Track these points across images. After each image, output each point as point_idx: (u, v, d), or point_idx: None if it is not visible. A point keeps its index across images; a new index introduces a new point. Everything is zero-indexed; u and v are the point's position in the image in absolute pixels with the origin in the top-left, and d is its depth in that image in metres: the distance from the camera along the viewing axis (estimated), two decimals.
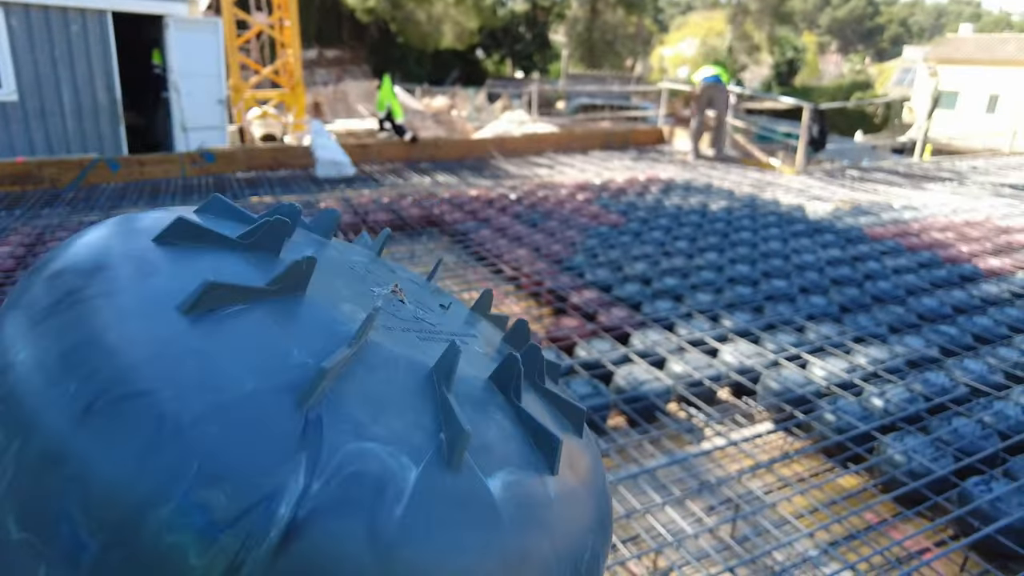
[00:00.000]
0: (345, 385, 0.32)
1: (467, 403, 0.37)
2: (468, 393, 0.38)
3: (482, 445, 0.34)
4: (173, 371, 0.30)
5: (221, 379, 0.30)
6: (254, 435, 0.29)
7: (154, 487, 0.27)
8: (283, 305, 0.36)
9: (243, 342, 0.33)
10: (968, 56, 30.48)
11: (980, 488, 1.69)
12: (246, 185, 6.14)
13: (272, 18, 12.37)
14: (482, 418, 0.36)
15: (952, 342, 2.66)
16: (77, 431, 0.29)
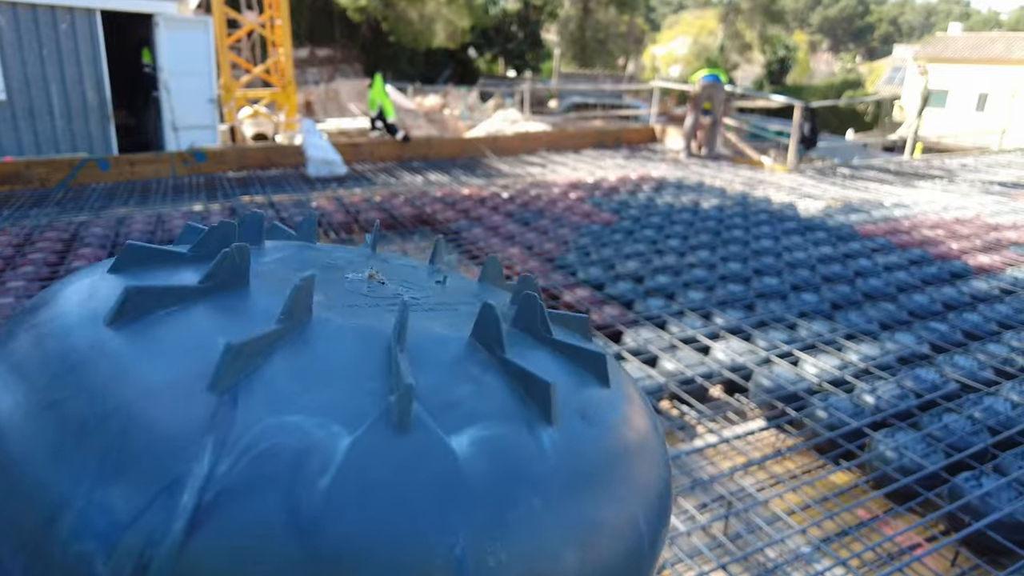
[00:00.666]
0: (275, 361, 0.30)
1: (438, 363, 0.34)
2: (443, 353, 0.35)
3: (447, 402, 0.31)
4: (86, 378, 0.29)
5: (133, 378, 0.29)
6: (158, 425, 0.28)
7: (59, 493, 0.26)
8: (222, 300, 0.35)
9: (167, 340, 0.32)
10: (958, 55, 30.65)
11: (970, 484, 1.70)
12: (237, 185, 6.11)
13: (263, 17, 12.33)
14: (453, 375, 0.33)
15: (943, 339, 2.67)
16: (1, 445, 0.28)
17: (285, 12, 12.07)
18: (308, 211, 4.76)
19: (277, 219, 4.62)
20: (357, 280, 0.48)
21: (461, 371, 0.34)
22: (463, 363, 0.35)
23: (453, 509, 0.28)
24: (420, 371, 0.33)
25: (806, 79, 42.43)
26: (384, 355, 0.33)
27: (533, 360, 0.37)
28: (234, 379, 0.29)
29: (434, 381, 0.32)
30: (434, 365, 0.33)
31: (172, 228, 4.34)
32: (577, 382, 0.37)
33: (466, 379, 0.34)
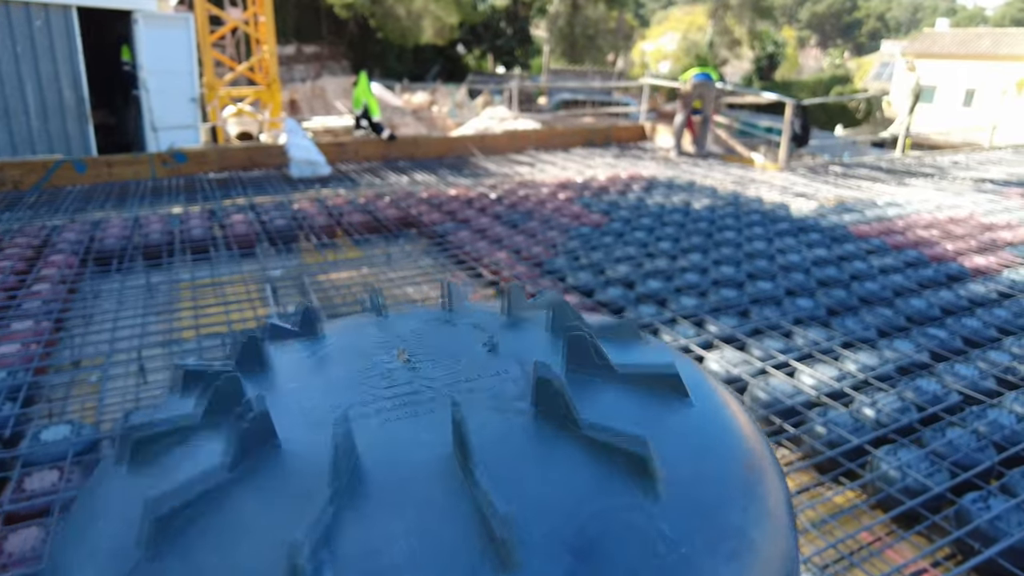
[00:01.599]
0: (346, 531, 0.28)
1: (507, 459, 0.30)
2: (508, 444, 0.32)
3: (539, 504, 0.28)
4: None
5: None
6: None
7: None
8: (259, 481, 0.32)
9: (223, 540, 0.29)
10: (945, 50, 30.82)
11: (978, 506, 1.62)
12: (218, 186, 5.97)
13: (247, 14, 12.13)
14: (536, 480, 0.29)
15: (942, 346, 2.59)
16: None
17: (269, 9, 11.88)
18: (289, 211, 4.64)
19: (257, 221, 4.50)
20: (391, 368, 0.45)
21: (539, 456, 0.31)
22: (536, 450, 0.31)
23: None
24: (494, 485, 0.29)
25: (795, 75, 42.53)
26: (445, 476, 0.30)
27: (606, 409, 0.33)
28: (316, 565, 0.26)
29: (510, 478, 0.29)
30: (504, 458, 0.30)
31: (149, 232, 4.21)
32: (659, 402, 0.33)
33: (546, 468, 0.30)
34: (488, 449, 0.31)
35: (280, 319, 0.47)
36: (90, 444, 1.91)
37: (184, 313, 3.08)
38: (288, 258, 3.97)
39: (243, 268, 3.72)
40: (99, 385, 2.33)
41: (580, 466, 0.31)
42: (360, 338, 0.51)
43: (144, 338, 2.77)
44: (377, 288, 0.51)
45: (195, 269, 3.73)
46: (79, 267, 3.62)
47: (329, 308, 3.14)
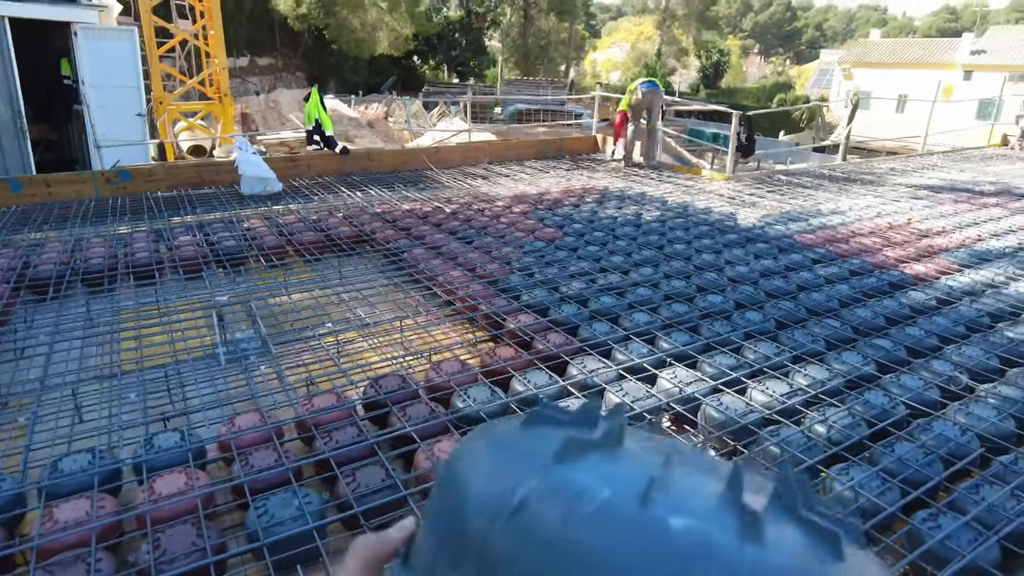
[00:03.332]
0: (670, 488, 0.40)
1: (758, 509, 0.41)
2: (758, 503, 0.42)
3: (776, 534, 0.38)
4: (564, 496, 0.39)
5: (596, 503, 0.39)
6: (627, 532, 0.37)
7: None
8: (614, 450, 0.44)
9: (602, 471, 0.41)
10: (878, 59, 32.14)
11: (928, 525, 1.65)
12: (166, 205, 5.78)
13: (196, 26, 11.83)
14: (771, 518, 0.40)
15: (888, 357, 2.66)
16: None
17: (219, 21, 11.62)
18: (238, 230, 4.52)
19: (206, 242, 4.37)
20: None
21: (775, 517, 0.40)
22: (774, 512, 0.41)
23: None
24: None
25: (739, 82, 43.67)
26: (726, 500, 0.40)
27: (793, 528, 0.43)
28: (661, 499, 0.38)
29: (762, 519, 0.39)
30: (757, 509, 0.40)
31: (91, 256, 4.04)
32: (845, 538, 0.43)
33: (779, 523, 0.40)
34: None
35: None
36: (11, 500, 1.79)
37: (126, 344, 2.95)
38: (237, 281, 3.86)
39: (190, 293, 3.60)
40: (27, 428, 2.20)
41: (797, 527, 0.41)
42: None
43: (81, 372, 2.65)
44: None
45: (139, 295, 3.60)
46: (10, 296, 3.45)
47: (280, 334, 3.06)
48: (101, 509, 1.74)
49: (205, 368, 2.70)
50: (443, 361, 2.63)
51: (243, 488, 1.83)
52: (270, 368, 2.75)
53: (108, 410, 2.36)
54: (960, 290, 3.53)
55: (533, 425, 0.48)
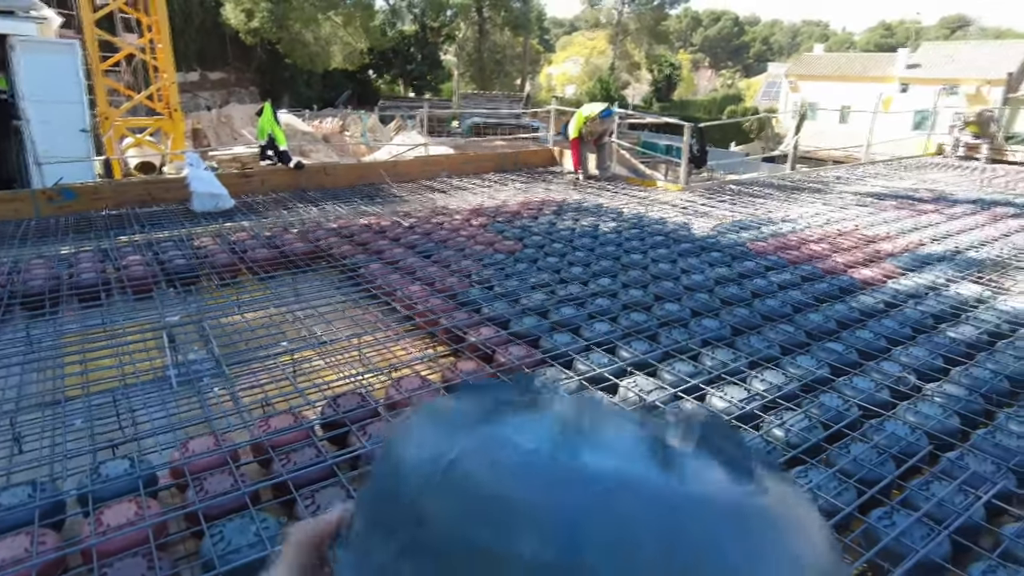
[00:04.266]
0: (590, 437, 0.42)
1: (679, 449, 0.43)
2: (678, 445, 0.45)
3: (697, 470, 0.40)
4: (493, 459, 0.41)
5: (517, 457, 0.40)
6: (546, 478, 0.38)
7: (496, 535, 0.37)
8: (538, 410, 0.46)
9: (527, 431, 0.42)
10: (822, 72, 33.35)
11: (884, 523, 1.69)
12: (113, 224, 5.60)
13: (142, 40, 11.53)
14: (692, 457, 0.42)
15: (840, 360, 2.73)
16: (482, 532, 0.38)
17: (166, 35, 11.35)
18: (189, 249, 4.40)
19: (156, 261, 4.24)
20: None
21: (696, 455, 0.43)
22: (695, 451, 0.44)
23: (730, 534, 0.38)
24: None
25: (691, 95, 44.71)
26: (642, 439, 0.42)
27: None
28: (578, 449, 0.40)
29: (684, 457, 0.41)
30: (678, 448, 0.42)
31: (31, 278, 3.88)
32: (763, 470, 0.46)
33: (700, 460, 0.42)
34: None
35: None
36: None
37: (71, 368, 2.84)
38: (189, 301, 3.75)
39: (139, 314, 3.49)
40: None
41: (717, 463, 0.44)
42: None
43: (20, 400, 2.53)
44: None
45: (85, 318, 3.46)
46: None
47: (234, 354, 2.98)
48: (41, 545, 1.66)
49: (156, 391, 2.61)
50: (403, 377, 2.59)
51: (197, 515, 1.77)
52: (224, 390, 2.68)
53: (51, 439, 2.25)
54: (905, 293, 3.65)
55: (465, 397, 0.49)
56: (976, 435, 2.21)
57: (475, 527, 0.38)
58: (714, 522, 0.38)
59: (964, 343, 2.98)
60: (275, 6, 25.48)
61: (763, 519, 0.40)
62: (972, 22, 59.82)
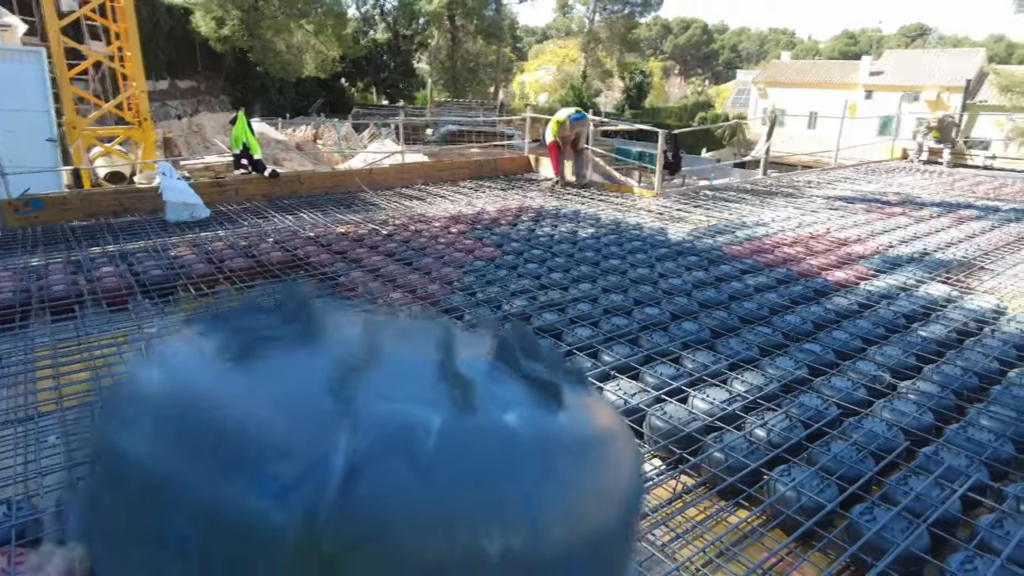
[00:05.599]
0: (369, 376, 0.40)
1: (475, 374, 0.42)
2: (476, 369, 0.44)
3: (491, 395, 0.40)
4: (232, 398, 0.39)
5: (270, 394, 0.39)
6: (302, 419, 0.37)
7: (232, 476, 0.35)
8: (312, 342, 0.43)
9: (286, 369, 0.41)
10: (790, 79, 34.01)
11: (865, 518, 1.73)
12: (84, 234, 5.50)
13: (110, 48, 11.33)
14: (489, 380, 0.43)
15: (818, 360, 2.78)
16: (164, 458, 0.37)
17: (135, 43, 11.15)
18: (165, 259, 4.34)
19: (130, 272, 4.17)
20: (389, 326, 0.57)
21: (493, 378, 0.43)
22: (493, 373, 0.44)
23: (517, 461, 0.38)
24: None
25: (662, 102, 45.25)
26: (439, 370, 0.42)
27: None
28: (351, 387, 0.38)
29: (478, 383, 0.41)
30: (473, 374, 0.42)
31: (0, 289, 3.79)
32: (567, 385, 0.47)
33: (498, 382, 0.43)
34: (463, 364, 0.43)
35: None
36: None
37: (43, 383, 2.77)
38: (166, 312, 3.70)
39: (115, 326, 3.42)
40: None
41: (515, 382, 0.45)
42: None
43: None
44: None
45: (57, 331, 3.39)
46: None
47: None
48: (19, 564, 1.62)
49: None
50: None
51: None
52: None
53: (24, 456, 2.20)
54: (878, 294, 3.74)
55: (217, 330, 0.45)
56: (949, 430, 2.27)
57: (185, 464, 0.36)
58: (501, 457, 0.38)
59: (935, 341, 3.06)
60: (246, 14, 25.24)
61: (560, 449, 0.40)
62: (931, 31, 61.51)
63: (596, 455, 0.43)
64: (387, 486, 0.35)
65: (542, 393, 0.43)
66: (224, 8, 25.13)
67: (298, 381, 0.40)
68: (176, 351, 0.45)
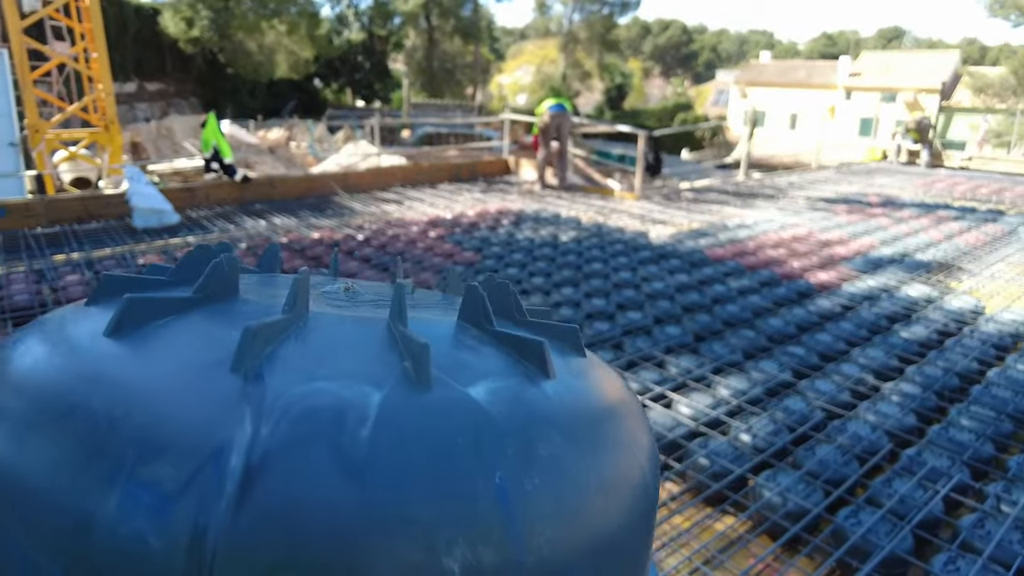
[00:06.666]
0: (288, 346, 0.32)
1: (436, 338, 0.35)
2: (438, 331, 0.38)
3: (454, 365, 0.33)
4: (99, 381, 0.31)
5: (150, 373, 0.31)
6: (189, 406, 0.29)
7: (93, 484, 0.27)
8: (217, 307, 0.36)
9: (175, 339, 0.33)
10: (770, 80, 34.35)
11: (851, 522, 1.70)
12: (47, 242, 5.33)
13: (75, 49, 11.07)
14: (452, 346, 0.36)
15: (802, 363, 2.76)
16: (10, 456, 0.29)
17: (102, 44, 10.91)
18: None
19: (96, 280, 4.04)
20: (334, 292, 0.50)
21: (459, 342, 0.37)
22: (458, 336, 0.38)
23: (487, 446, 0.30)
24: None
25: (642, 103, 45.51)
26: (386, 336, 0.35)
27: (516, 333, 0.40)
28: (255, 360, 0.30)
29: (437, 350, 0.33)
30: (433, 339, 0.34)
31: None
32: (558, 350, 0.40)
33: (464, 348, 0.36)
34: (418, 327, 0.36)
35: None
36: None
37: None
38: None
39: None
40: None
41: (486, 346, 0.38)
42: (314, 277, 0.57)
43: None
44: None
45: None
46: None
47: None
48: None
49: None
50: None
51: None
52: None
53: None
54: (860, 295, 3.73)
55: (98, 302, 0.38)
56: (931, 431, 2.25)
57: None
58: (465, 443, 0.29)
59: (916, 342, 3.05)
60: (216, 14, 24.89)
61: (547, 428, 0.32)
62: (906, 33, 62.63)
63: (596, 435, 0.35)
64: (303, 490, 0.26)
65: (522, 359, 0.36)
66: (194, 9, 24.76)
67: (194, 356, 0.32)
68: (48, 327, 0.37)
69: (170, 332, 0.33)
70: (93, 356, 0.32)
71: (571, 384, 0.37)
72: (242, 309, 0.37)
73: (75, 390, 0.30)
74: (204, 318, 0.35)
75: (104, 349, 0.33)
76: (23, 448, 0.29)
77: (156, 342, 0.33)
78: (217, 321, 0.35)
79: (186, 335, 0.33)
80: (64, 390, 0.31)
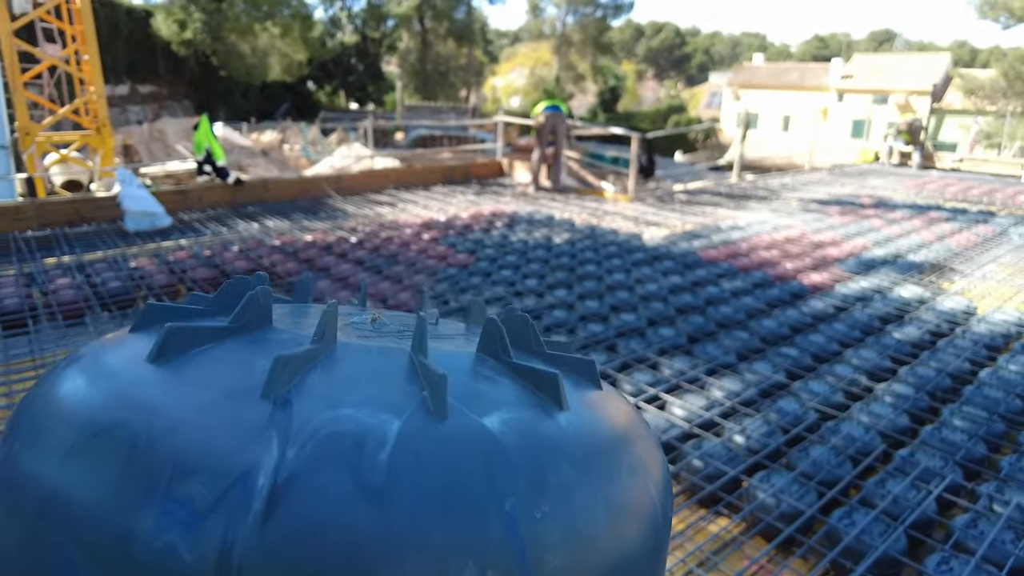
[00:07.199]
0: (315, 374, 0.34)
1: (455, 369, 0.37)
2: (457, 363, 0.38)
3: (470, 395, 0.35)
4: (140, 404, 0.33)
5: (187, 397, 0.33)
6: (221, 429, 0.31)
7: (133, 501, 0.29)
8: (252, 336, 0.38)
9: (211, 367, 0.35)
10: (762, 82, 34.49)
11: (844, 523, 1.70)
12: (38, 245, 5.29)
13: (67, 51, 11.01)
14: (471, 377, 0.37)
15: (796, 364, 2.76)
16: (60, 476, 0.31)
17: (93, 46, 10.87)
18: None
19: (88, 284, 4.01)
20: (362, 322, 0.52)
21: (476, 374, 0.38)
22: (476, 368, 0.39)
23: (498, 475, 0.31)
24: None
25: (636, 105, 45.60)
26: (408, 367, 0.37)
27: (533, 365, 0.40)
28: (284, 387, 0.32)
29: (455, 381, 0.35)
30: (452, 370, 0.36)
31: None
32: (573, 382, 0.41)
33: (482, 379, 0.38)
34: (438, 358, 0.37)
35: None
36: None
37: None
38: (125, 325, 3.55)
39: (71, 341, 3.28)
40: None
41: (503, 377, 0.39)
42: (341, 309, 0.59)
43: None
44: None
45: (9, 346, 3.24)
46: None
47: None
48: None
49: None
50: None
51: None
52: None
53: None
54: (853, 297, 3.74)
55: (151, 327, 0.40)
56: (924, 431, 2.26)
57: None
58: (477, 471, 0.31)
59: (909, 343, 3.06)
60: (209, 16, 24.83)
61: (558, 457, 0.33)
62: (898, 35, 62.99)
63: (607, 463, 0.36)
64: (325, 511, 0.28)
65: (537, 390, 0.37)
66: (186, 11, 24.69)
67: (228, 382, 0.34)
68: (93, 354, 0.39)
69: (207, 359, 0.36)
70: (136, 382, 0.35)
71: (584, 415, 0.38)
72: (274, 338, 0.39)
73: (119, 414, 0.33)
74: (239, 346, 0.37)
75: (146, 375, 0.35)
76: (73, 469, 0.31)
77: (194, 369, 0.35)
78: (251, 349, 0.37)
79: (221, 363, 0.36)
80: (109, 414, 0.33)
